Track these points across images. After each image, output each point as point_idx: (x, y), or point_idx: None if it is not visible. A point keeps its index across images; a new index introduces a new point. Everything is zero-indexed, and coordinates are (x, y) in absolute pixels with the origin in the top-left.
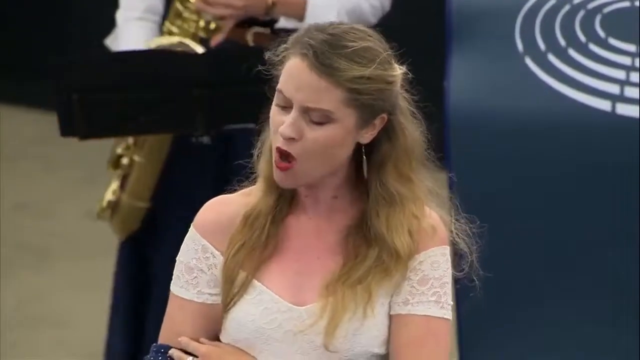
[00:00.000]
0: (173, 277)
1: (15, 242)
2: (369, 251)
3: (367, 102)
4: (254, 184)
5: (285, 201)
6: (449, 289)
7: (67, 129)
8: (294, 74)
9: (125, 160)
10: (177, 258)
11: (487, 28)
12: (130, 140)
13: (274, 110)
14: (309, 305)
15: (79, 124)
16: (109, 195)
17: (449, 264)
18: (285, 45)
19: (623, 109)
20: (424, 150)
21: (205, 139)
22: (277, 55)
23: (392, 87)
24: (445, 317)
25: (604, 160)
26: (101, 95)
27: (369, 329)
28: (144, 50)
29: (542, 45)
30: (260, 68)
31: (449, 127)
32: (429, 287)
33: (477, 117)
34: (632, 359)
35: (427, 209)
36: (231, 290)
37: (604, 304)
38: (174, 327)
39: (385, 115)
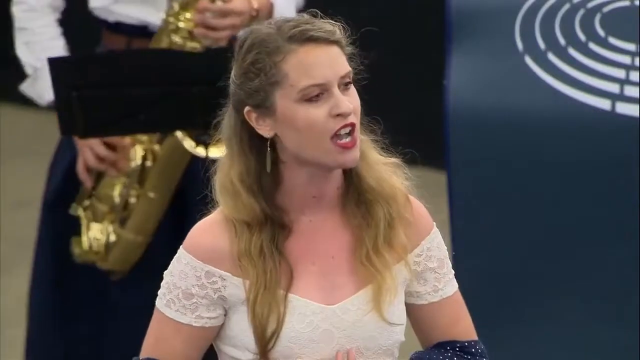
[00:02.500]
0: (164, 297)
1: (16, 239)
2: (376, 211)
3: (349, 52)
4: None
5: (280, 226)
6: None
7: (67, 128)
8: (314, 60)
9: (133, 199)
10: (169, 280)
11: (487, 27)
12: (133, 180)
13: (302, 110)
14: (340, 302)
15: (79, 122)
16: (99, 236)
17: None
18: (270, 58)
19: (623, 108)
20: None
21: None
22: (264, 66)
23: None
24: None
25: (603, 159)
26: (101, 93)
27: (400, 316)
28: (144, 49)
29: (542, 45)
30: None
31: (448, 126)
32: (447, 267)
33: (476, 116)
34: (633, 357)
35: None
36: (267, 331)
37: (604, 302)
38: (165, 347)
39: None
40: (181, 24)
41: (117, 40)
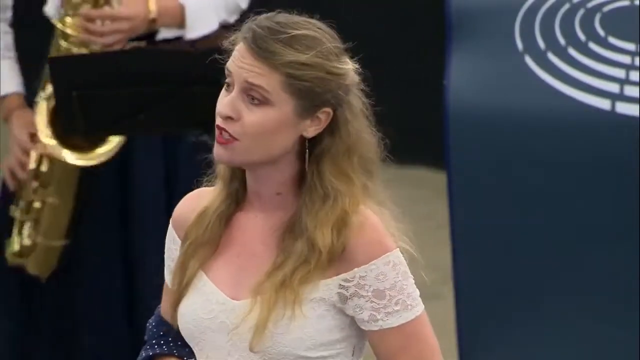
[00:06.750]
0: None
1: None
2: (295, 245)
3: (305, 89)
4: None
5: (232, 198)
6: (409, 285)
7: (68, 128)
8: (237, 55)
9: (37, 204)
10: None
11: (487, 27)
12: (35, 183)
13: (222, 91)
14: (242, 300)
15: (79, 122)
16: (21, 241)
17: (399, 266)
18: (237, 32)
19: (623, 108)
20: (375, 155)
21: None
22: (232, 43)
23: (337, 79)
24: (417, 314)
25: (603, 159)
26: (101, 93)
27: (293, 330)
28: (144, 48)
29: (541, 44)
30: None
31: (448, 126)
32: (389, 299)
33: (476, 116)
34: (633, 355)
35: (368, 211)
36: (182, 282)
37: (604, 301)
38: (163, 298)
39: (330, 110)
40: (68, 30)
41: None
